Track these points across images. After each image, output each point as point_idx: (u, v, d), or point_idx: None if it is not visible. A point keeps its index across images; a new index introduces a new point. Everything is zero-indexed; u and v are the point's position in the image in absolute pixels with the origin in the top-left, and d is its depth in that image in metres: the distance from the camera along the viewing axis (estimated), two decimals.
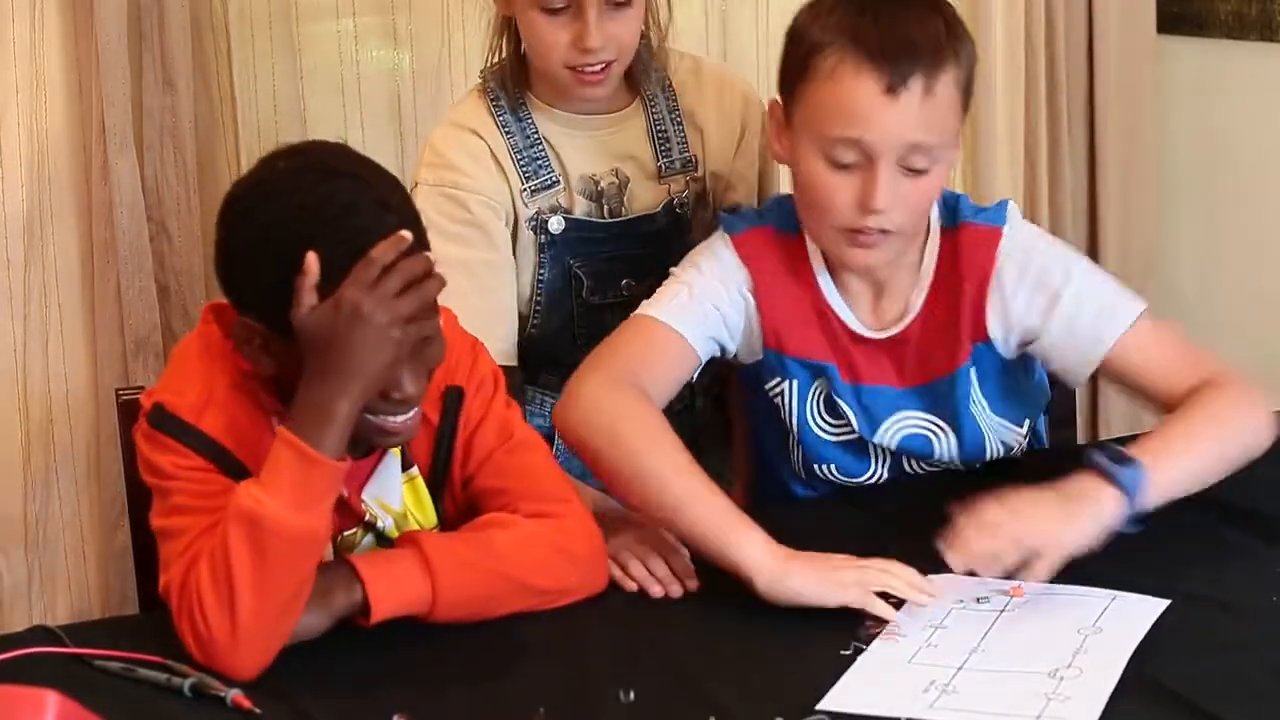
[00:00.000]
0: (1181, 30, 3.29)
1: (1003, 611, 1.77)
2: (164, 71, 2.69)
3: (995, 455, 2.13)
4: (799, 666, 1.70)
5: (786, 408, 2.10)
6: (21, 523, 2.76)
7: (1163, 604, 1.76)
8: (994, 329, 2.05)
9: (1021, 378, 2.14)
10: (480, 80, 2.32)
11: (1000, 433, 2.13)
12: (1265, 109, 3.20)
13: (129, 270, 2.69)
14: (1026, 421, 2.16)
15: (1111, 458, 1.85)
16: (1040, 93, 3.22)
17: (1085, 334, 2.01)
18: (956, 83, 1.96)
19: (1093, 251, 3.32)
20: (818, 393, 2.09)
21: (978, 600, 1.79)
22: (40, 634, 1.79)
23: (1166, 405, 1.99)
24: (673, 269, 2.13)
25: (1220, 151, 3.30)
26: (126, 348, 2.72)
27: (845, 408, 2.08)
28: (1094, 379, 2.10)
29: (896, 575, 1.79)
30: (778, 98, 2.05)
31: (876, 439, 2.09)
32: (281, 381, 1.79)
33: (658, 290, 2.09)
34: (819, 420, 2.11)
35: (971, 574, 1.81)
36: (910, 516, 2.02)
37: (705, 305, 2.05)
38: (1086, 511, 1.82)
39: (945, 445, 2.10)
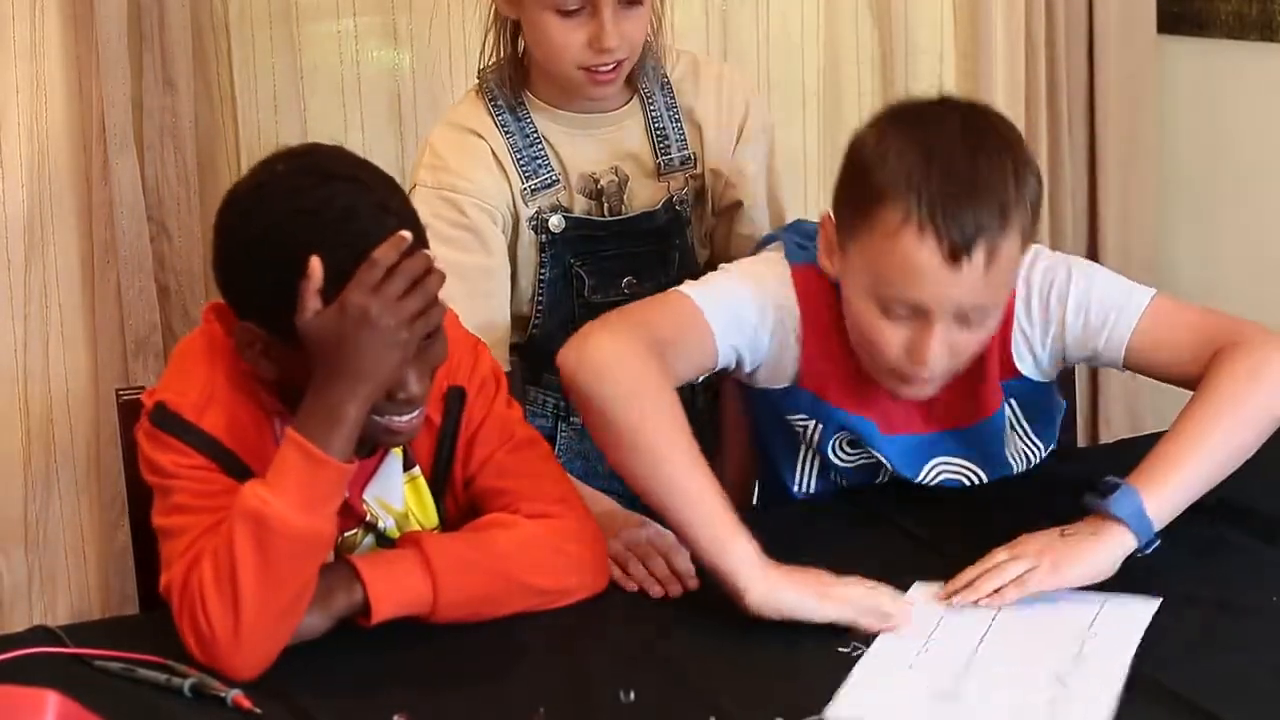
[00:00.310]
0: (1181, 30, 3.29)
1: (995, 617, 1.76)
2: (164, 71, 2.69)
3: (1023, 469, 2.14)
4: (799, 667, 1.70)
5: (808, 439, 2.09)
6: (21, 523, 2.76)
7: (1154, 603, 1.76)
8: (1023, 364, 2.04)
9: (1051, 397, 2.15)
10: (478, 81, 2.32)
11: (1029, 454, 2.14)
12: (1266, 109, 3.20)
13: (129, 270, 2.69)
14: (1050, 443, 2.17)
15: (1102, 491, 1.83)
16: (1040, 93, 3.22)
17: (1102, 339, 1.99)
18: (1021, 234, 1.88)
19: (1093, 251, 3.32)
20: (844, 437, 2.08)
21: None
22: (40, 634, 1.79)
23: (1192, 376, 1.96)
24: (724, 265, 2.09)
25: (1220, 151, 3.30)
26: (126, 348, 2.72)
27: (885, 459, 2.07)
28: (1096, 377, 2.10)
29: (882, 594, 1.77)
30: (830, 214, 1.96)
31: (919, 480, 2.09)
32: (284, 384, 1.79)
33: (705, 275, 2.04)
34: (840, 452, 2.10)
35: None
36: (908, 516, 2.02)
37: (744, 312, 1.99)
38: (1088, 547, 1.80)
39: (978, 482, 2.11)
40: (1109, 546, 1.80)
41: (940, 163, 1.85)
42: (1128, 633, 1.71)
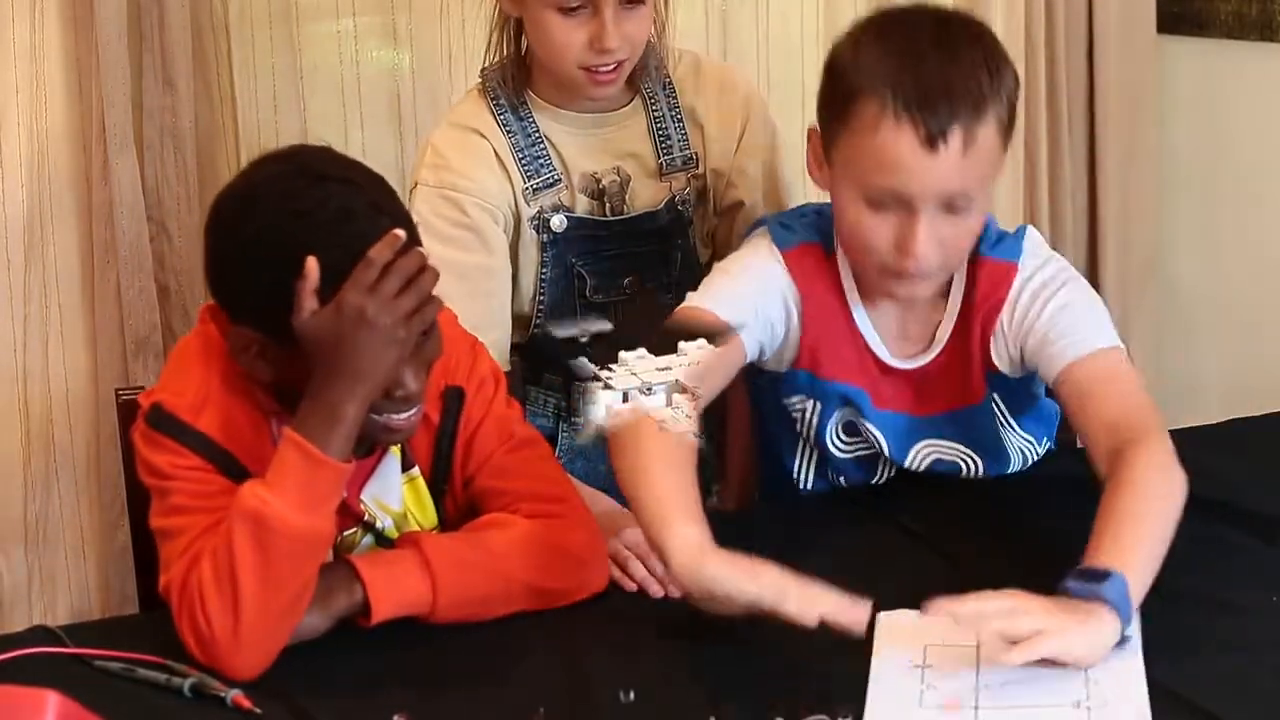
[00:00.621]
0: (1181, 30, 3.29)
1: (978, 646, 1.68)
2: (164, 71, 2.69)
3: (1016, 469, 2.14)
4: (799, 667, 1.70)
5: (805, 423, 2.10)
6: (21, 523, 2.76)
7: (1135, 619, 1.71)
8: (1000, 361, 2.04)
9: (1035, 392, 2.15)
10: (480, 80, 2.32)
11: (1025, 449, 2.15)
12: (1266, 109, 3.20)
13: (129, 270, 2.69)
14: (1045, 439, 2.17)
15: (1089, 578, 1.70)
16: (1040, 93, 3.22)
17: (1049, 352, 1.98)
18: (998, 124, 1.92)
19: (1093, 251, 3.32)
20: (840, 419, 2.09)
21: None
22: (40, 634, 1.79)
23: (1093, 440, 1.91)
24: (718, 264, 2.10)
25: (1220, 151, 3.30)
26: (126, 348, 2.72)
27: (875, 434, 2.07)
28: None
29: (825, 595, 1.66)
30: (816, 126, 2.00)
31: (907, 463, 2.09)
32: (280, 385, 1.79)
33: (704, 282, 2.05)
34: (837, 439, 2.10)
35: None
36: (907, 514, 2.02)
37: (757, 306, 2.01)
38: (1093, 628, 1.66)
39: (973, 470, 2.11)
40: (1106, 631, 1.68)
41: (913, 60, 1.89)
42: (1127, 653, 1.67)
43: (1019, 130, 3.18)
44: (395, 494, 1.90)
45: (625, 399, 1.69)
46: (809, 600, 1.64)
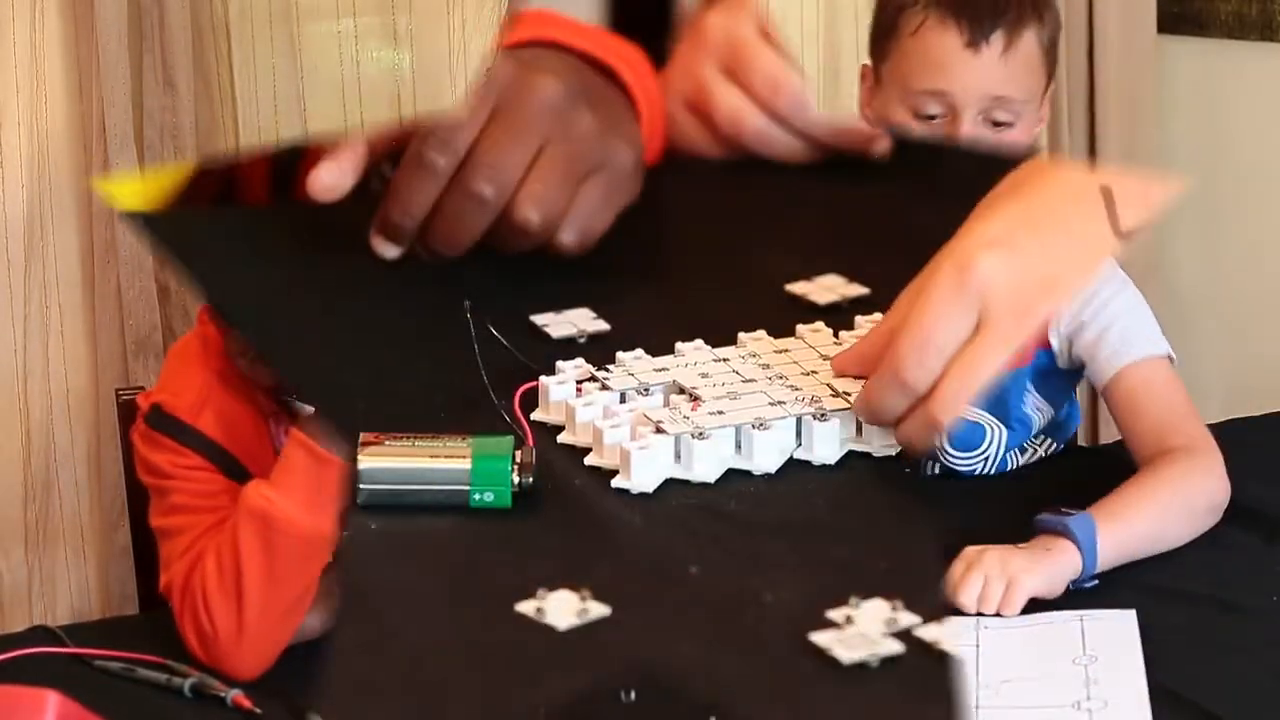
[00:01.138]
0: (1181, 30, 3.29)
1: (978, 646, 1.71)
2: (164, 71, 2.69)
3: (1022, 463, 2.15)
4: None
5: None
6: (21, 523, 2.76)
7: (1130, 615, 1.73)
8: (1054, 334, 2.07)
9: (1062, 401, 2.16)
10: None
11: (1036, 420, 2.15)
12: (1266, 109, 3.20)
13: (129, 270, 2.69)
14: (1048, 440, 2.18)
15: (1058, 514, 1.83)
16: None
17: (1104, 351, 2.03)
18: (1039, 42, 2.04)
19: None
20: None
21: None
22: (40, 634, 1.79)
23: (1136, 450, 1.99)
24: None
25: (1221, 151, 3.30)
26: (126, 348, 2.72)
27: None
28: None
29: None
30: (868, 61, 2.11)
31: None
32: (279, 387, 1.79)
33: None
34: None
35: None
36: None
37: None
38: (1044, 557, 1.78)
39: (996, 439, 2.11)
40: (1063, 563, 1.78)
41: None
42: (1127, 652, 1.67)
43: None
44: None
45: (622, 400, 1.69)
46: None
